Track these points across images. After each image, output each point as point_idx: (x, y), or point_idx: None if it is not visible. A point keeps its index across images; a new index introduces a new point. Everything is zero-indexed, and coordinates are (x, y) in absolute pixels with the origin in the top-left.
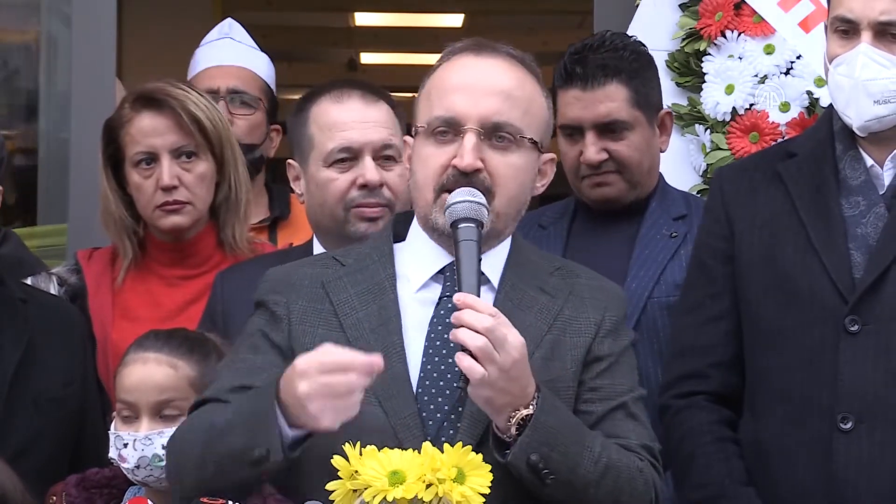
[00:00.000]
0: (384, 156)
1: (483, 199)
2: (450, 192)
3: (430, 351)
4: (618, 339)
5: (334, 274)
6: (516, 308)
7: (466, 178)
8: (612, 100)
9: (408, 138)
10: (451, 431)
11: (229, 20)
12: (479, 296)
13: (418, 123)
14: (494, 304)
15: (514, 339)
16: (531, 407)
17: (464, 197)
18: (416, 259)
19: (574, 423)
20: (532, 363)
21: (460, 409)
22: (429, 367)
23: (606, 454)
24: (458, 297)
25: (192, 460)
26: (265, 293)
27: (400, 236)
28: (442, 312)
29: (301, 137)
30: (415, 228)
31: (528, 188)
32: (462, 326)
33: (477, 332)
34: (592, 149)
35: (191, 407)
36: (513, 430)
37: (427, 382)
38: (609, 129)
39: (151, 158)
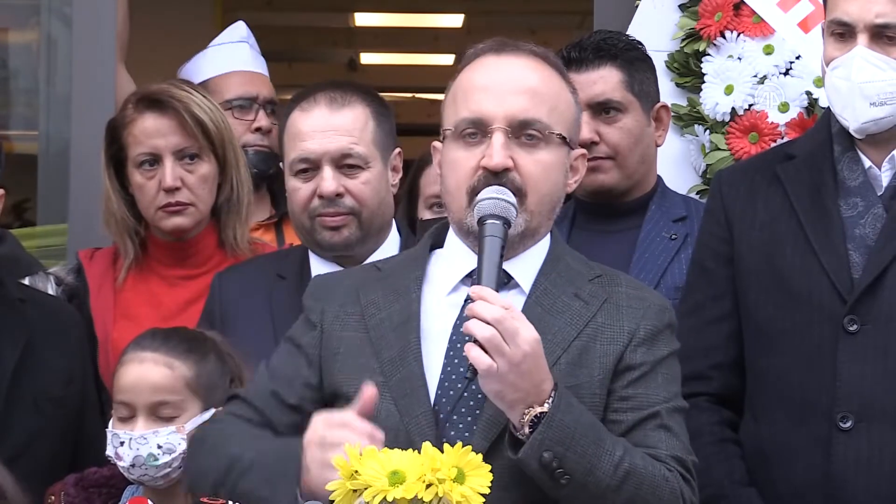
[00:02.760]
0: (346, 164)
1: (512, 198)
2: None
3: (451, 353)
4: (654, 348)
5: (369, 278)
6: (546, 313)
7: (496, 177)
8: (605, 81)
9: (436, 144)
10: (467, 434)
11: (244, 24)
12: (497, 291)
13: (445, 128)
14: (523, 309)
15: (526, 332)
16: (546, 404)
17: (490, 194)
18: (448, 264)
19: (593, 425)
20: (557, 368)
21: (477, 411)
22: (448, 368)
23: (629, 460)
24: (472, 290)
25: (209, 481)
26: (306, 298)
27: (439, 245)
28: (465, 315)
29: (281, 144)
30: (450, 236)
31: (561, 185)
32: (474, 318)
33: (487, 322)
34: (586, 128)
35: (227, 399)
36: (526, 428)
37: (446, 384)
38: (602, 109)
39: (154, 159)
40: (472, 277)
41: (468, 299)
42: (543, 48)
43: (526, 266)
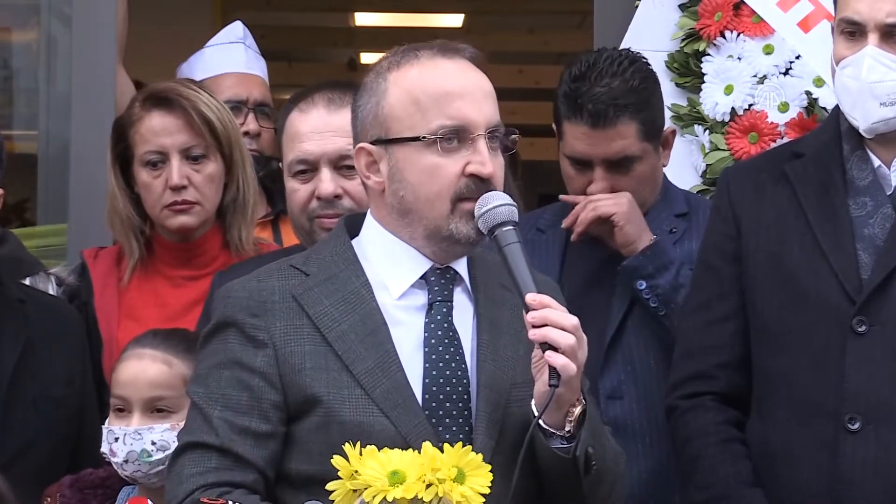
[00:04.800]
0: (345, 165)
1: (512, 200)
2: (466, 200)
3: (434, 357)
4: None
5: (303, 285)
6: (494, 306)
7: (484, 184)
8: (623, 137)
9: (368, 147)
10: (461, 435)
11: (240, 24)
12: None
13: (405, 133)
14: (478, 305)
15: (585, 336)
16: (581, 403)
17: (501, 201)
18: (392, 266)
19: (598, 414)
20: (521, 360)
21: (466, 412)
22: (434, 372)
23: (612, 441)
24: (532, 298)
25: None
26: (236, 313)
27: (353, 236)
28: (438, 318)
29: (279, 145)
30: (382, 234)
31: None
32: (544, 325)
33: (566, 330)
34: (602, 184)
35: (180, 447)
36: (571, 427)
37: (434, 388)
38: (619, 164)
39: (161, 158)
40: (430, 280)
41: (435, 307)
42: (473, 49)
43: (460, 263)
